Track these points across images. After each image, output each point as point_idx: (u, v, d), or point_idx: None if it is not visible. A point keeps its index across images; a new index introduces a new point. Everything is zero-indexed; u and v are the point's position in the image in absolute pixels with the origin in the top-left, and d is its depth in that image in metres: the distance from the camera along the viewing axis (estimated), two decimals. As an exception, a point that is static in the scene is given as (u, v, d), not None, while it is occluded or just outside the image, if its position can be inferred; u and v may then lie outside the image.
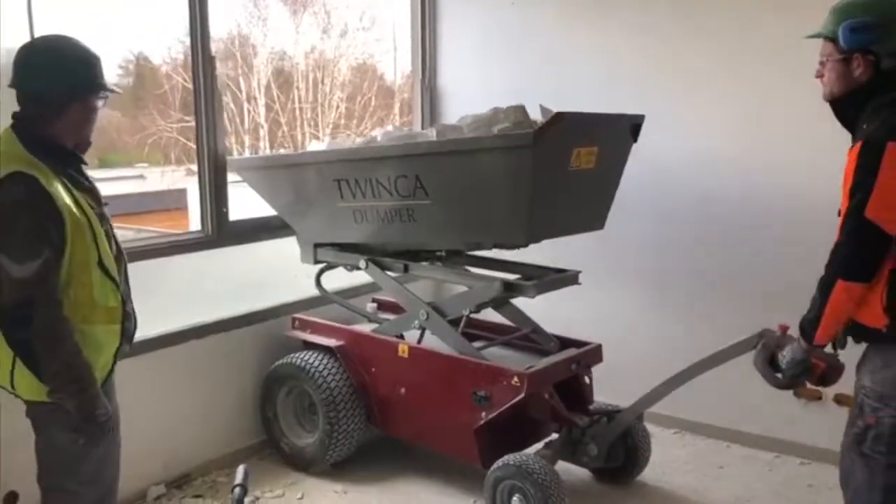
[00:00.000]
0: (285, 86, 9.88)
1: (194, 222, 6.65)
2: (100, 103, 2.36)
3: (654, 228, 4.37)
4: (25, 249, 2.14)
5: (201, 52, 3.69)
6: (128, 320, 2.45)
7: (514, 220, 3.22)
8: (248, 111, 9.93)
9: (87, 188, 2.38)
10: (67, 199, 2.23)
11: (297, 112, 9.86)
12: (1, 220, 2.14)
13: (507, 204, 3.20)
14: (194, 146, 3.75)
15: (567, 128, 3.08)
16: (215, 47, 3.70)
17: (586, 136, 3.28)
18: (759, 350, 2.75)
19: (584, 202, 3.54)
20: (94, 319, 2.33)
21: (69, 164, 2.33)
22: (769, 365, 2.70)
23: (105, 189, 2.51)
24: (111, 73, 3.43)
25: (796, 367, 2.49)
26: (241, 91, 9.75)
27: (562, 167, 3.22)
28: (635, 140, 3.56)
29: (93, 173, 2.47)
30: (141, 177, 10.26)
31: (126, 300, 2.45)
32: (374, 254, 3.83)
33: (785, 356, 2.56)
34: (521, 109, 3.25)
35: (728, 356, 3.05)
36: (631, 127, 3.53)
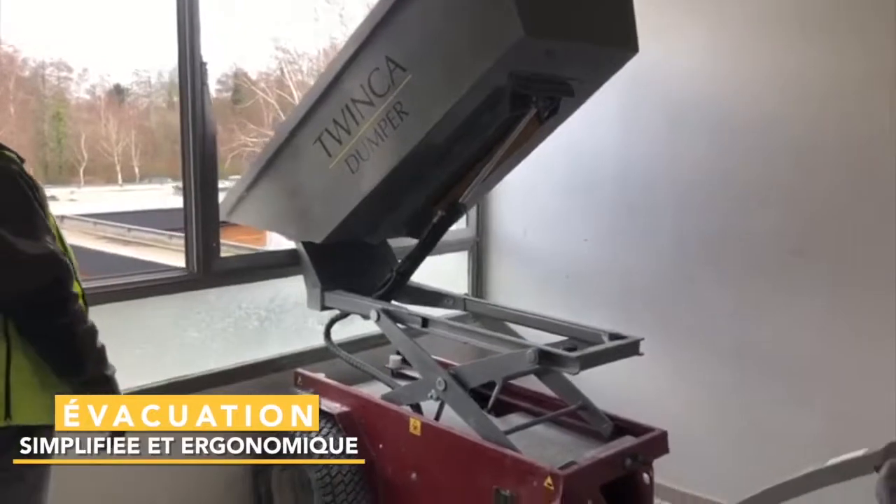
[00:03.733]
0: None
1: (273, 241, 6.16)
2: None
3: (738, 282, 3.52)
4: (34, 223, 1.86)
5: (189, 56, 3.10)
6: None
7: (502, 11, 2.53)
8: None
9: None
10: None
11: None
12: (2, 193, 1.84)
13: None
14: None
15: None
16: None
17: None
18: (886, 476, 1.93)
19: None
20: None
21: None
22: (901, 497, 1.91)
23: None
24: (210, 87, 3.19)
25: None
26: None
27: None
28: None
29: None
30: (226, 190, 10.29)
31: None
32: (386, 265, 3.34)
33: None
34: None
35: (838, 476, 2.20)
36: None
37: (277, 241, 5.48)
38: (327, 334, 3.44)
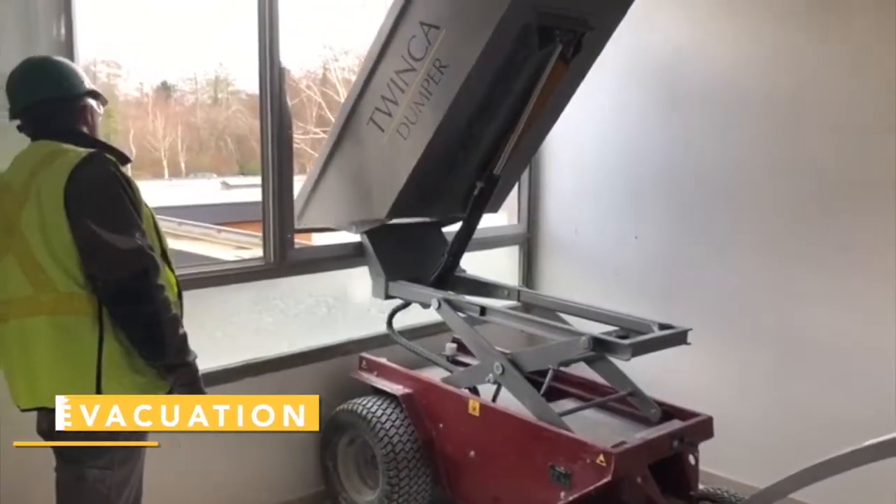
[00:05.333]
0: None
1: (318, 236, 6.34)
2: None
3: (781, 271, 3.66)
4: (128, 220, 2.07)
5: (269, 57, 3.35)
6: None
7: None
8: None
9: None
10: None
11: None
12: (98, 193, 2.07)
13: None
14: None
15: None
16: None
17: None
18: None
19: None
20: None
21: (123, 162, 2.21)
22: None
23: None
24: (253, 85, 3.46)
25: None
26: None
27: None
28: None
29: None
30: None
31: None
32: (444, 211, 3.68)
33: None
34: None
35: (872, 456, 2.36)
36: None
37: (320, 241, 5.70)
38: (389, 323, 3.67)
